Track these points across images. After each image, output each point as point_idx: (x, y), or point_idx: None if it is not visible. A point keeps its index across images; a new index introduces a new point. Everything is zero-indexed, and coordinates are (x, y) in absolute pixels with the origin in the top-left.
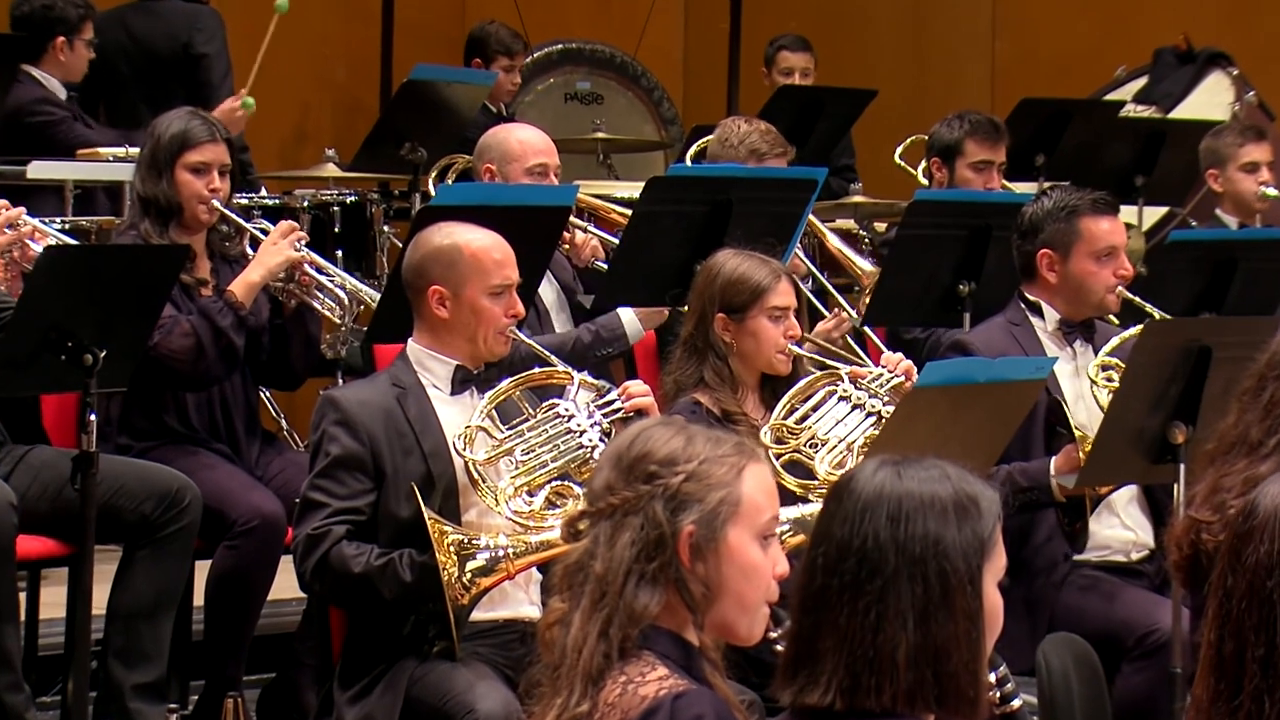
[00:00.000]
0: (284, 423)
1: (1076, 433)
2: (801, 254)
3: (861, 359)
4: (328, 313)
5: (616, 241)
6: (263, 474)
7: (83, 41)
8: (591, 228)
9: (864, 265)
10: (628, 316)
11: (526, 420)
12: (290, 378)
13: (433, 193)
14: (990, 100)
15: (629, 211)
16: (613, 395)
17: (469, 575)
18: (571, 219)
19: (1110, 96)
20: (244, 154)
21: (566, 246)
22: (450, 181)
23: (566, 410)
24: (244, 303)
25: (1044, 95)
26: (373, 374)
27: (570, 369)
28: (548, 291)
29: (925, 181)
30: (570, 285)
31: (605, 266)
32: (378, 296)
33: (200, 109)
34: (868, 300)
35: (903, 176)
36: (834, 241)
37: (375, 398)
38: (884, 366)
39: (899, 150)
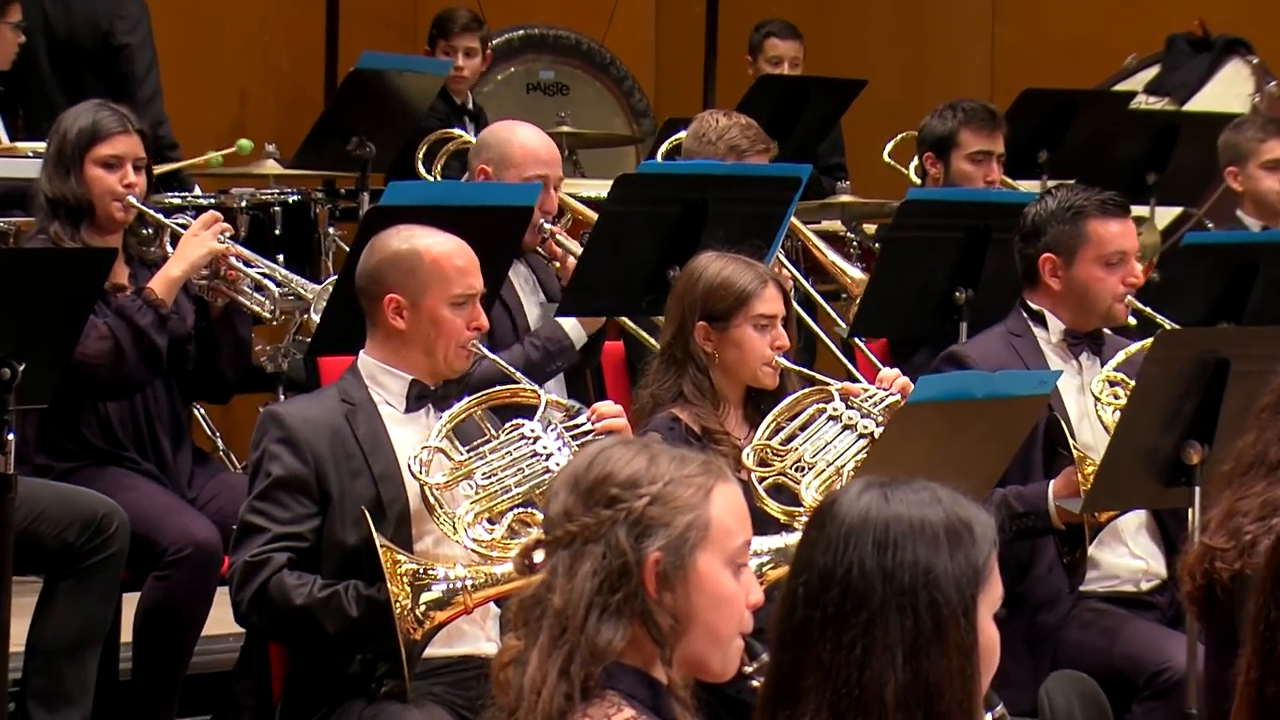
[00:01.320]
0: (220, 442)
1: (1076, 453)
2: (784, 259)
3: (851, 374)
4: (258, 309)
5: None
6: (196, 497)
7: (9, 25)
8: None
9: (852, 272)
10: (569, 323)
11: (488, 441)
12: (221, 388)
13: (423, 173)
14: (990, 90)
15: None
16: (582, 417)
17: (423, 608)
18: (559, 237)
19: (1120, 87)
20: (172, 151)
21: (557, 265)
22: (439, 166)
23: (532, 431)
24: (164, 300)
25: (1048, 85)
26: (319, 389)
27: (537, 388)
28: (532, 307)
29: (918, 180)
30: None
31: None
32: (314, 288)
33: (120, 104)
34: (855, 310)
35: (892, 175)
36: (819, 246)
37: (321, 414)
38: (879, 384)
39: (888, 148)
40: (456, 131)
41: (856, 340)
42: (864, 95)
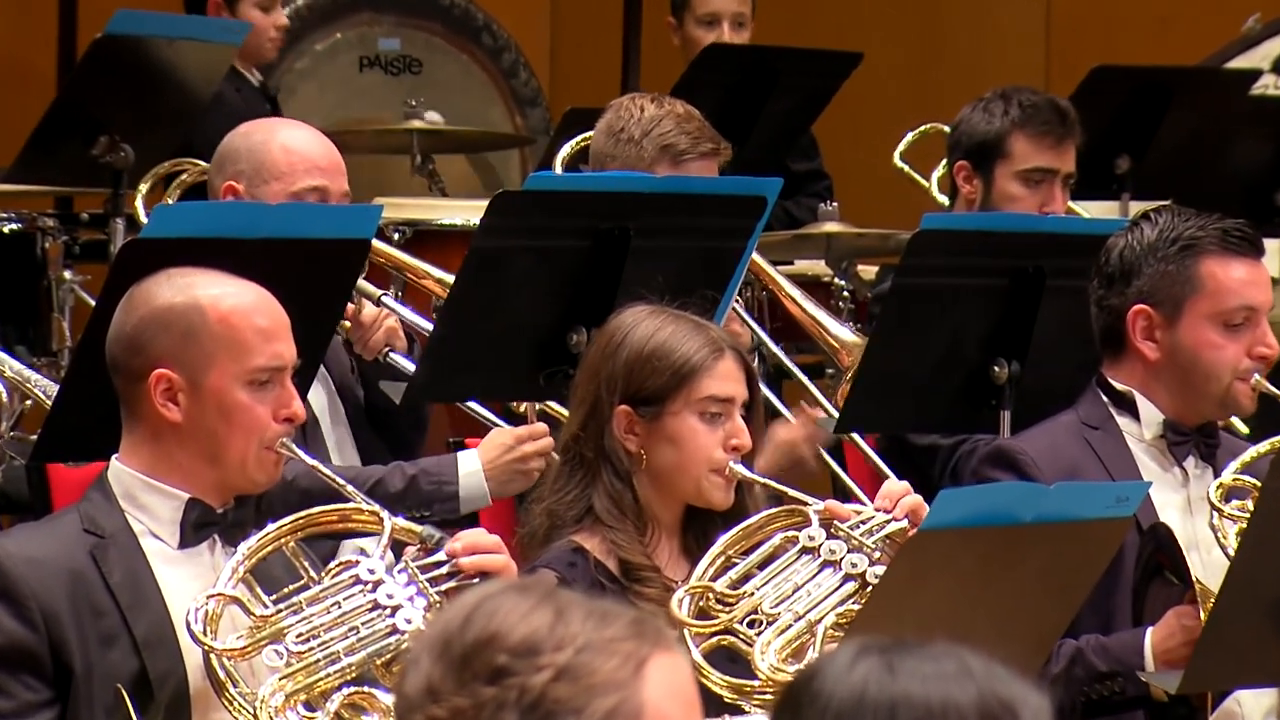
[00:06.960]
0: None
1: (1198, 585)
2: (743, 312)
3: (841, 484)
4: None
5: (426, 326)
6: None
7: None
8: (389, 300)
9: (842, 335)
10: (470, 465)
11: (306, 588)
12: None
13: (143, 219)
14: (1044, 69)
15: (449, 279)
16: (444, 551)
17: None
18: (358, 282)
19: (1234, 63)
20: None
21: (347, 324)
22: (173, 201)
23: (370, 573)
24: None
25: (1128, 61)
26: (50, 514)
27: (378, 509)
28: (315, 392)
29: (944, 199)
30: (347, 382)
31: (407, 363)
32: (54, 389)
33: None
34: (846, 391)
35: (902, 191)
36: (794, 296)
37: (55, 552)
38: (878, 504)
39: (901, 147)
40: (193, 162)
41: (853, 436)
42: (858, 75)
